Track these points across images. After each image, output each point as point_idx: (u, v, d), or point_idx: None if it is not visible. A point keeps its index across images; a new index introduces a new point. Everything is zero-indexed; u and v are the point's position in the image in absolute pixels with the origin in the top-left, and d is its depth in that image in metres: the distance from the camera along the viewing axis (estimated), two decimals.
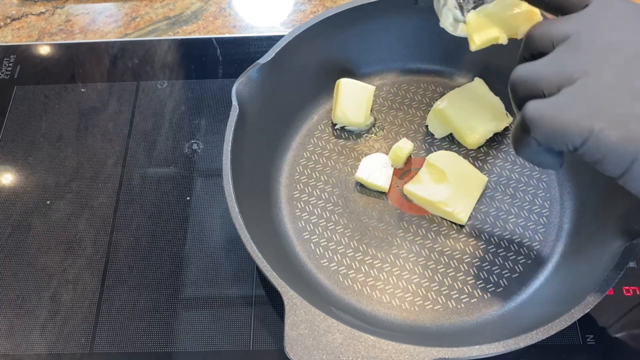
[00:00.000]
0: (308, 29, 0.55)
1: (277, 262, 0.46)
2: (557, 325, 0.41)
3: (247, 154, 0.52)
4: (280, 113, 0.58)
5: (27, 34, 0.75)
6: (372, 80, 0.63)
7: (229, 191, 0.46)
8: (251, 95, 0.51)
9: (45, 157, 0.63)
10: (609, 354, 0.50)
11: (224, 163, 0.48)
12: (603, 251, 0.46)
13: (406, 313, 0.50)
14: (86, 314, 0.54)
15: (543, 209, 0.55)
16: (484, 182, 0.55)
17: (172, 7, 0.76)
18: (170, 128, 0.64)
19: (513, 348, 0.40)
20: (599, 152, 0.32)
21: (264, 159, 0.57)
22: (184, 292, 0.54)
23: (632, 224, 0.45)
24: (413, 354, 0.40)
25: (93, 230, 0.58)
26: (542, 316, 0.43)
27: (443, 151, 0.57)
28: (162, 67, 0.69)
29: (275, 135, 0.59)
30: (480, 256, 0.53)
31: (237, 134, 0.50)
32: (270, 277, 0.43)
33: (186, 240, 0.57)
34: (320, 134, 0.60)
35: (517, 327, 0.43)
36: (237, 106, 0.49)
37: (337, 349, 0.40)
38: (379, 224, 0.55)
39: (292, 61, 0.56)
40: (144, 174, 0.61)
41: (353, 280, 0.52)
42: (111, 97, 0.67)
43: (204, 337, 0.52)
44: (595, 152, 0.32)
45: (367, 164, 0.56)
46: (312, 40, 0.56)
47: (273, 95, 0.55)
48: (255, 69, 0.51)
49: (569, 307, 0.42)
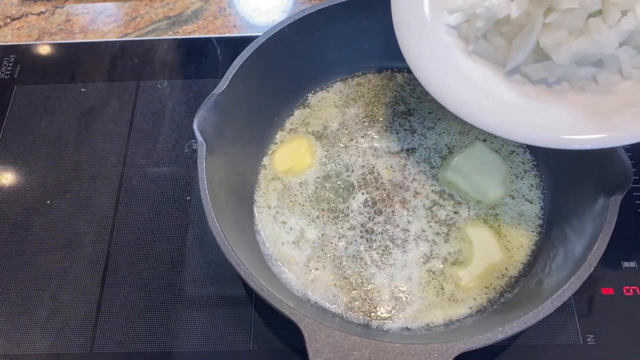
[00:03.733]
0: (260, 45, 0.54)
1: (274, 287, 0.46)
2: (566, 292, 0.42)
3: (223, 182, 0.51)
4: (251, 131, 0.58)
5: (27, 33, 0.75)
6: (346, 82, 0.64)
7: (217, 230, 0.46)
8: (214, 125, 0.50)
9: (45, 157, 0.63)
10: (609, 354, 0.50)
11: (204, 202, 0.47)
12: (587, 213, 0.47)
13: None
14: (86, 314, 0.54)
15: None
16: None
17: (172, 7, 0.76)
18: (170, 128, 0.64)
19: (534, 321, 0.41)
20: None
21: (244, 175, 0.57)
22: (184, 292, 0.54)
23: (608, 180, 0.45)
24: (442, 352, 0.40)
25: (93, 230, 0.58)
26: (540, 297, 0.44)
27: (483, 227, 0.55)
28: (162, 67, 0.69)
29: (253, 148, 0.59)
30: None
31: (211, 166, 0.49)
32: (283, 309, 0.42)
33: (186, 240, 0.57)
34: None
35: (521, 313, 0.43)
36: (203, 142, 0.48)
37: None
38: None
39: (249, 83, 0.55)
40: (144, 173, 0.61)
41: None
42: (111, 97, 0.67)
43: (204, 337, 0.52)
44: None
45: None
46: (267, 55, 0.55)
47: (239, 118, 0.55)
48: (212, 100, 0.50)
49: (572, 273, 0.42)
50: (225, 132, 0.52)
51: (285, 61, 0.58)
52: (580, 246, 0.46)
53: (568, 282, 0.42)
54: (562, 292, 0.42)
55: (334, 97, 0.63)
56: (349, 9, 0.57)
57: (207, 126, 0.49)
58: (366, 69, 0.64)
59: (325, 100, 0.63)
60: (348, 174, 0.58)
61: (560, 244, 0.50)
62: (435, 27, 0.49)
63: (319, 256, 0.54)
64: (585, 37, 0.43)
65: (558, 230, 0.52)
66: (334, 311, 0.51)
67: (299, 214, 0.56)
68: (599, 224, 0.44)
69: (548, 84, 0.46)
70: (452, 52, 0.48)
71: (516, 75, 0.47)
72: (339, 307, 0.51)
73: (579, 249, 0.46)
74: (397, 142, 0.60)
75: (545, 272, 0.49)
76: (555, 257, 0.50)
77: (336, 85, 0.64)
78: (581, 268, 0.42)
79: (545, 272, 0.49)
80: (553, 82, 0.46)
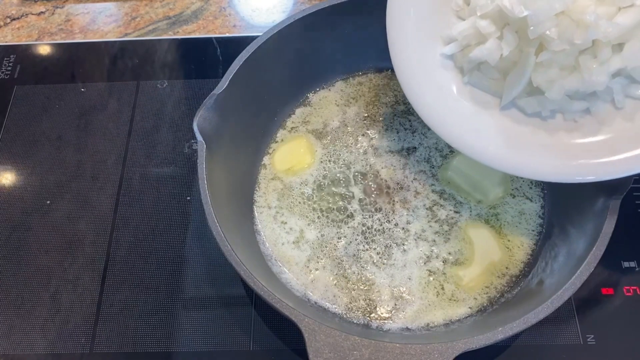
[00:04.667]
0: (260, 45, 0.54)
1: (273, 286, 0.46)
2: (566, 292, 0.42)
3: (223, 182, 0.51)
4: (251, 130, 0.58)
5: (27, 33, 0.75)
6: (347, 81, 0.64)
7: (217, 230, 0.46)
8: (214, 125, 0.50)
9: (45, 157, 0.63)
10: (609, 354, 0.50)
11: (204, 202, 0.47)
12: (587, 213, 0.47)
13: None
14: (86, 314, 0.54)
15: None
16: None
17: (172, 7, 0.76)
18: (170, 128, 0.64)
19: (534, 321, 0.41)
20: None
21: (244, 175, 0.57)
22: (184, 292, 0.54)
23: (609, 180, 0.45)
24: (442, 352, 0.40)
25: (93, 230, 0.58)
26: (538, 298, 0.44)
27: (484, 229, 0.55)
28: (162, 67, 0.69)
29: (253, 148, 0.59)
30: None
31: (211, 166, 0.49)
32: (283, 309, 0.42)
33: (186, 240, 0.57)
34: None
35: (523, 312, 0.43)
36: (203, 142, 0.48)
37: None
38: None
39: (250, 83, 0.55)
40: (144, 173, 0.61)
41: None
42: (111, 97, 0.67)
43: (204, 337, 0.52)
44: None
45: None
46: (267, 54, 0.55)
47: (239, 118, 0.55)
48: (212, 100, 0.50)
49: (572, 273, 0.42)
50: (225, 132, 0.52)
51: (285, 61, 0.58)
52: (580, 246, 0.46)
53: (568, 282, 0.42)
54: (562, 292, 0.42)
55: (335, 96, 0.63)
56: (348, 9, 0.56)
57: (207, 126, 0.49)
58: (367, 68, 0.64)
59: (326, 99, 0.63)
60: (348, 173, 0.58)
61: (561, 243, 0.50)
62: (430, 57, 0.49)
63: (319, 256, 0.54)
64: (577, 74, 0.44)
65: (558, 230, 0.52)
66: (334, 311, 0.51)
67: (299, 214, 0.56)
68: (599, 224, 0.44)
69: (542, 117, 0.47)
70: (448, 83, 0.49)
71: (512, 108, 0.48)
72: (339, 307, 0.51)
73: (579, 249, 0.46)
74: (397, 141, 0.60)
75: (545, 271, 0.49)
76: (556, 257, 0.50)
77: (337, 84, 0.64)
78: (581, 268, 0.42)
79: (546, 272, 0.49)
80: (547, 116, 0.47)
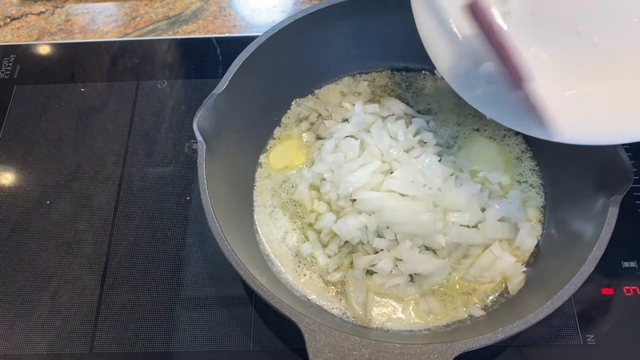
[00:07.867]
0: (260, 45, 0.54)
1: (272, 286, 0.46)
2: (566, 292, 0.42)
3: (223, 182, 0.51)
4: (250, 130, 0.58)
5: (27, 33, 0.75)
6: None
7: (217, 230, 0.46)
8: (214, 125, 0.50)
9: (45, 157, 0.63)
10: (609, 354, 0.50)
11: (204, 202, 0.47)
12: (587, 214, 0.47)
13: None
14: (86, 314, 0.54)
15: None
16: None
17: (172, 7, 0.76)
18: (170, 128, 0.64)
19: (534, 321, 0.41)
20: None
21: (244, 176, 0.57)
22: (184, 292, 0.54)
23: (608, 180, 0.46)
24: (442, 352, 0.40)
25: (93, 230, 0.58)
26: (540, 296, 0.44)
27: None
28: (162, 67, 0.69)
29: (251, 147, 0.59)
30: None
31: (211, 166, 0.49)
32: (283, 309, 0.42)
33: (186, 240, 0.57)
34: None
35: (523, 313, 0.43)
36: (203, 142, 0.48)
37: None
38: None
39: (249, 82, 0.55)
40: (143, 173, 0.61)
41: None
42: (111, 97, 0.67)
43: (204, 337, 0.52)
44: None
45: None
46: (267, 55, 0.55)
47: (239, 117, 0.55)
48: (212, 100, 0.50)
49: (572, 273, 0.43)
50: (225, 131, 0.52)
51: (285, 61, 0.58)
52: (580, 246, 0.46)
53: (568, 282, 0.42)
54: (562, 292, 0.42)
55: (335, 95, 0.63)
56: (348, 9, 0.57)
57: (207, 126, 0.49)
58: (366, 68, 0.64)
59: (324, 97, 0.63)
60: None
61: (561, 243, 0.50)
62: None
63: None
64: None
65: (559, 229, 0.52)
66: (334, 311, 0.51)
67: (293, 212, 0.56)
68: (599, 224, 0.44)
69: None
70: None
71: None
72: (339, 308, 0.51)
73: (579, 249, 0.46)
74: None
75: (546, 271, 0.50)
76: (556, 257, 0.50)
77: (337, 83, 0.64)
78: (581, 268, 0.43)
79: (546, 271, 0.49)
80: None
